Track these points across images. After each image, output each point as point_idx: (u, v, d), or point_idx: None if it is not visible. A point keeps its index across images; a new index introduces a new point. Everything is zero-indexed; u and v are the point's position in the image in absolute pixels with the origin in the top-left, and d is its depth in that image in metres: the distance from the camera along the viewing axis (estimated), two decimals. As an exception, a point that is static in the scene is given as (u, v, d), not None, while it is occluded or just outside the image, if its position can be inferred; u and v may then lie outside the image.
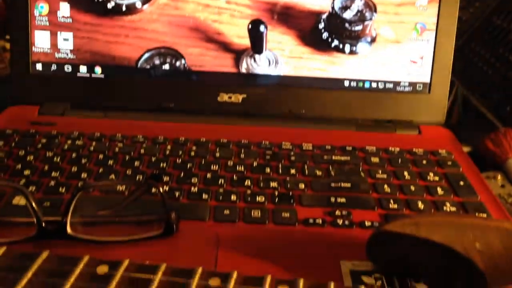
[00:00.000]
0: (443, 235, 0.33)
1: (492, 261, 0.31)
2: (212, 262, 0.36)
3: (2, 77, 0.70)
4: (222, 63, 0.60)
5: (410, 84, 0.59)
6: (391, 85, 0.60)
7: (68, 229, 0.37)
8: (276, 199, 0.44)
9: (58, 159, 0.49)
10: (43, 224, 0.36)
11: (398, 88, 0.60)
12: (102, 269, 0.28)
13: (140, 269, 0.28)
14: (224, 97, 0.60)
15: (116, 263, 0.29)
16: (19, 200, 0.42)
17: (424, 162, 0.52)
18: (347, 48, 0.59)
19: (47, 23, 0.59)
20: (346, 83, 0.60)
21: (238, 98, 0.60)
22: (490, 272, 0.31)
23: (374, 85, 0.60)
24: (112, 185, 0.45)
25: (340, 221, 0.42)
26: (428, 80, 0.59)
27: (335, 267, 0.37)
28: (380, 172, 0.50)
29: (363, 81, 0.60)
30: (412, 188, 0.47)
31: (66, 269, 0.28)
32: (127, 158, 0.50)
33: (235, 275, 0.28)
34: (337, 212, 0.43)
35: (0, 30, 0.79)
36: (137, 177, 0.47)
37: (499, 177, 0.51)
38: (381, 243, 0.35)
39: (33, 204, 0.36)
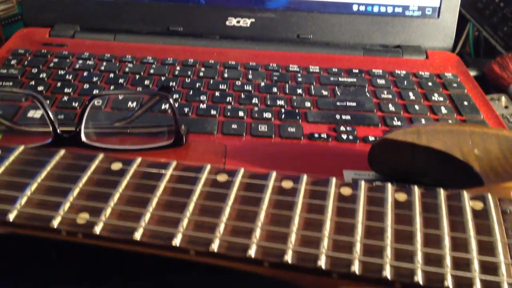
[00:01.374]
0: (442, 142, 0.34)
1: (489, 166, 0.32)
2: (220, 167, 0.38)
3: (10, 16, 0.70)
4: (231, -14, 0.59)
5: (419, 8, 0.59)
6: (400, 9, 0.59)
7: (82, 137, 0.38)
8: (283, 116, 0.46)
9: (70, 77, 0.50)
10: (58, 131, 0.38)
11: (407, 13, 0.59)
12: (117, 165, 0.30)
13: (152, 165, 0.30)
14: (232, 21, 0.60)
15: (130, 160, 0.30)
16: (34, 113, 0.44)
17: (430, 84, 0.52)
18: (357, -30, 0.58)
19: None
20: (355, 7, 0.59)
21: (246, 22, 0.60)
22: (487, 175, 0.32)
23: (383, 9, 0.59)
24: (125, 94, 0.46)
25: (344, 136, 0.43)
26: (437, 4, 0.59)
27: (337, 175, 0.38)
28: (385, 92, 0.50)
29: (372, 5, 0.59)
30: (417, 107, 0.48)
31: (83, 164, 0.30)
32: (137, 77, 0.51)
33: (242, 171, 0.29)
34: (342, 128, 0.44)
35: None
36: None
37: (503, 98, 0.51)
38: (383, 151, 0.36)
39: (49, 112, 0.37)
